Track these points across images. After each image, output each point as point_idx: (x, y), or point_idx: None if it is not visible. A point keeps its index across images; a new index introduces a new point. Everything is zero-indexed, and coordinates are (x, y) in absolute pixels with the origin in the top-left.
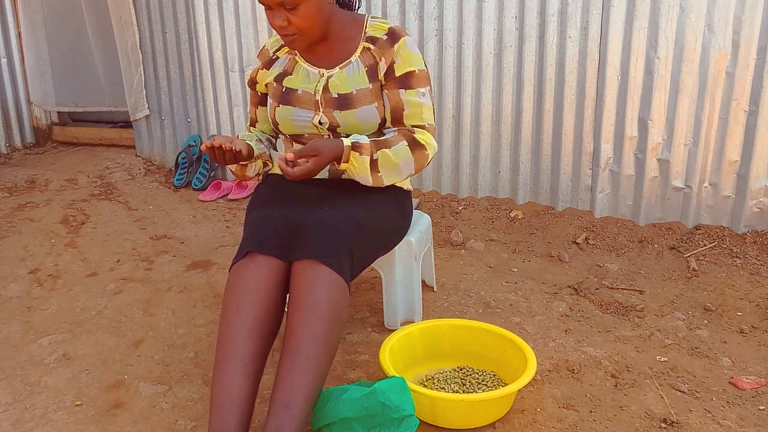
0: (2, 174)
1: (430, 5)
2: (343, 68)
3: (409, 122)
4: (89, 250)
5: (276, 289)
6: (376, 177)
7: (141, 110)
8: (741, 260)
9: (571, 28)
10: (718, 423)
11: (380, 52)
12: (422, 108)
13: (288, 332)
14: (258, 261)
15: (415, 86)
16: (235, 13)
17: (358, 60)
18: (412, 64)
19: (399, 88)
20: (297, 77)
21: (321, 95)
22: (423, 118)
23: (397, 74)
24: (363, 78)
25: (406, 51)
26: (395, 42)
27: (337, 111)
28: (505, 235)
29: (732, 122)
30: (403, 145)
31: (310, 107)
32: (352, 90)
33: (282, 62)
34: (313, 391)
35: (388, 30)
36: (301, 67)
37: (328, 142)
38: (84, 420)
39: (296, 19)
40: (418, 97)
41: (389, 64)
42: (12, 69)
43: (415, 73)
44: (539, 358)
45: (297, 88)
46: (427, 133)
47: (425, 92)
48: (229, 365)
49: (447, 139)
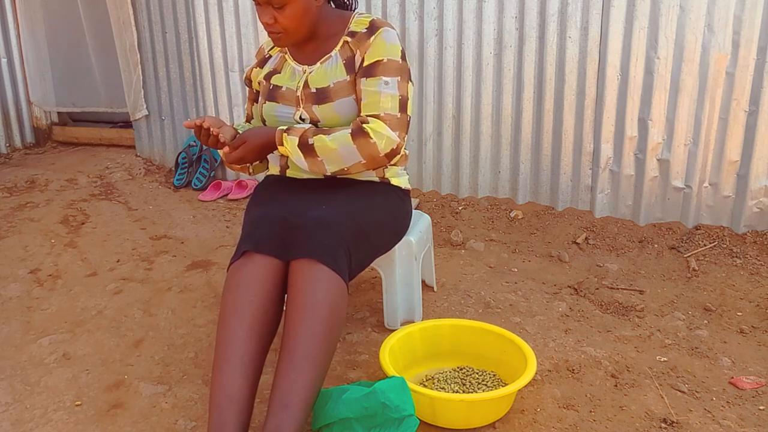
0: (2, 174)
1: (430, 5)
2: (323, 63)
3: (365, 111)
4: (89, 250)
5: (274, 289)
6: (316, 162)
7: (140, 110)
8: (741, 260)
9: (571, 28)
10: (718, 423)
11: (357, 44)
12: (380, 96)
13: (286, 332)
14: (255, 260)
15: (379, 74)
16: (235, 13)
17: (338, 54)
18: (381, 53)
19: (362, 77)
20: (284, 75)
21: (301, 91)
22: (380, 107)
23: (365, 64)
24: (341, 71)
25: (380, 41)
26: (372, 33)
27: (316, 105)
28: (505, 235)
29: (732, 122)
30: (345, 132)
31: (291, 103)
32: (330, 83)
33: (273, 61)
34: (312, 391)
35: (369, 23)
36: (289, 65)
37: (258, 130)
38: (84, 420)
39: (282, 18)
40: (377, 87)
41: (362, 55)
42: (12, 69)
43: (382, 62)
44: (539, 358)
45: (282, 85)
46: (379, 122)
47: (390, 81)
48: (228, 365)
49: (447, 139)
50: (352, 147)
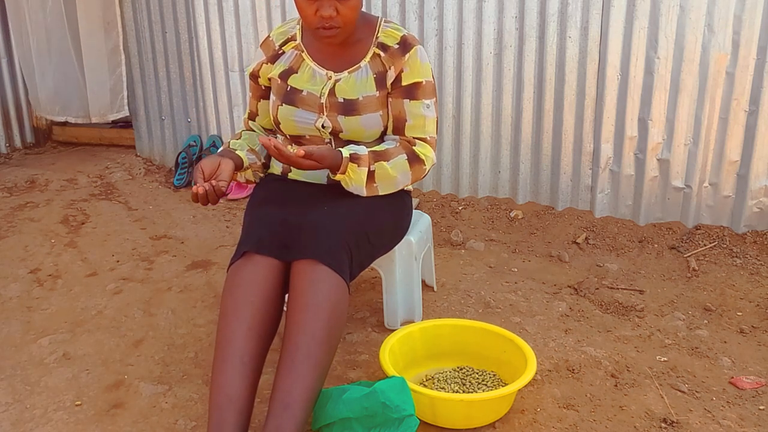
0: (2, 174)
1: (430, 5)
2: (351, 72)
3: (410, 134)
4: (89, 250)
5: (274, 289)
6: (371, 188)
7: (119, 111)
8: (741, 260)
9: (571, 28)
10: (718, 423)
11: (390, 61)
12: (425, 120)
13: (287, 332)
14: (256, 261)
15: (421, 97)
16: (235, 13)
17: (368, 66)
18: (420, 74)
19: (404, 98)
20: (303, 76)
21: (326, 98)
22: (425, 130)
23: (404, 84)
24: (371, 85)
25: (415, 61)
26: (407, 51)
27: (342, 116)
28: (505, 235)
29: (732, 122)
30: (402, 159)
31: (314, 109)
32: (359, 96)
33: (288, 58)
34: (313, 391)
35: (401, 38)
36: (308, 65)
37: (330, 153)
38: (84, 420)
39: (346, 9)
40: (422, 109)
41: (398, 72)
42: (12, 69)
43: (422, 84)
44: (539, 358)
45: (302, 89)
46: (427, 146)
47: (430, 104)
48: (228, 365)
49: (447, 139)
50: (409, 173)
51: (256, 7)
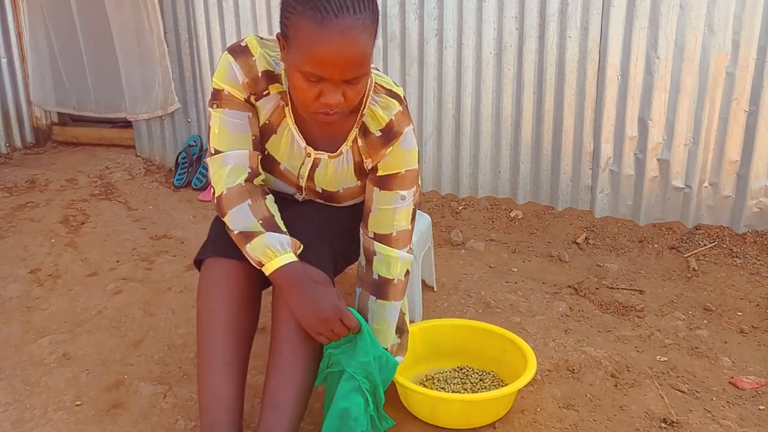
0: (2, 174)
1: (430, 5)
2: (332, 158)
3: (373, 228)
4: (89, 250)
5: (247, 287)
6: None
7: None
8: (741, 260)
9: (571, 28)
10: (718, 423)
11: (367, 152)
12: (394, 213)
13: (272, 332)
14: (223, 263)
15: (396, 188)
16: (235, 13)
17: (349, 152)
18: (400, 165)
19: (375, 186)
20: (281, 143)
21: (305, 182)
22: (393, 225)
23: (379, 174)
24: (351, 176)
25: (398, 152)
26: (389, 142)
27: (321, 200)
28: (505, 235)
29: (732, 122)
30: (395, 309)
31: (292, 185)
32: (339, 189)
33: (271, 105)
34: (302, 389)
35: (386, 125)
36: (288, 128)
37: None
38: (84, 420)
39: (353, 93)
40: (393, 203)
41: (375, 164)
42: (12, 69)
43: (399, 174)
44: (539, 358)
45: (280, 162)
46: (388, 251)
47: (406, 195)
48: (211, 367)
49: (447, 139)
50: (398, 304)
51: (256, 7)
